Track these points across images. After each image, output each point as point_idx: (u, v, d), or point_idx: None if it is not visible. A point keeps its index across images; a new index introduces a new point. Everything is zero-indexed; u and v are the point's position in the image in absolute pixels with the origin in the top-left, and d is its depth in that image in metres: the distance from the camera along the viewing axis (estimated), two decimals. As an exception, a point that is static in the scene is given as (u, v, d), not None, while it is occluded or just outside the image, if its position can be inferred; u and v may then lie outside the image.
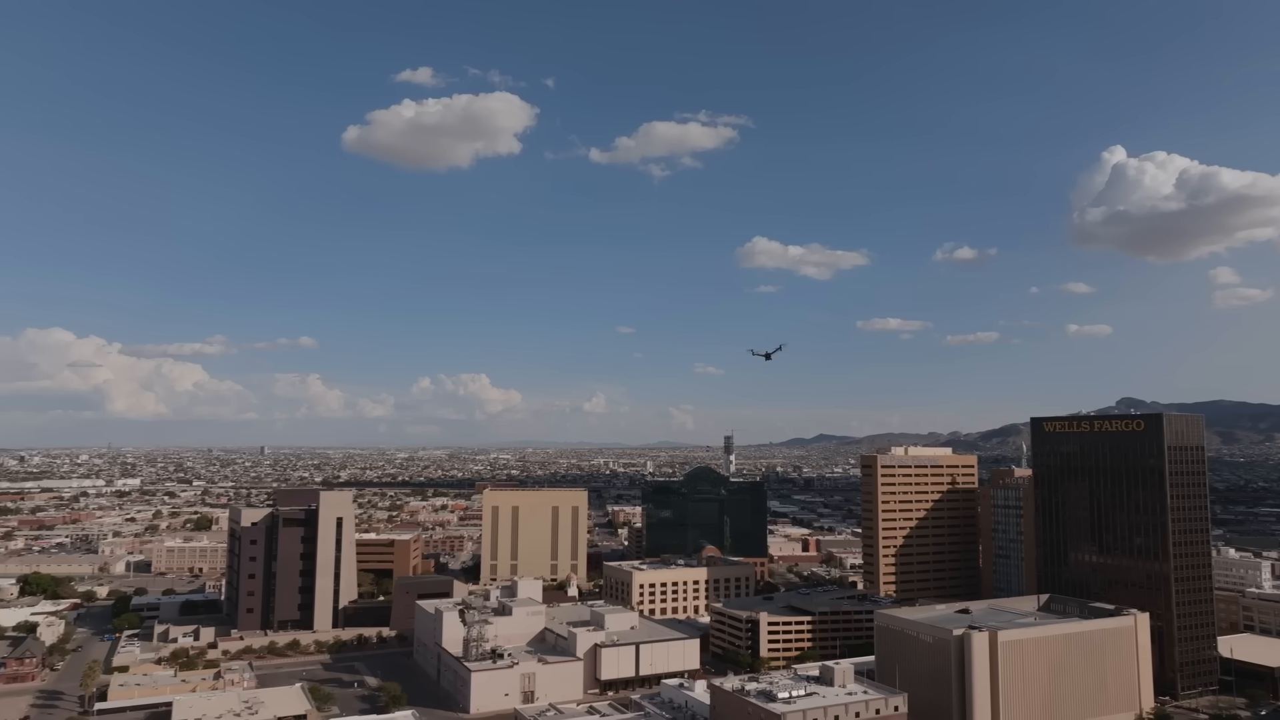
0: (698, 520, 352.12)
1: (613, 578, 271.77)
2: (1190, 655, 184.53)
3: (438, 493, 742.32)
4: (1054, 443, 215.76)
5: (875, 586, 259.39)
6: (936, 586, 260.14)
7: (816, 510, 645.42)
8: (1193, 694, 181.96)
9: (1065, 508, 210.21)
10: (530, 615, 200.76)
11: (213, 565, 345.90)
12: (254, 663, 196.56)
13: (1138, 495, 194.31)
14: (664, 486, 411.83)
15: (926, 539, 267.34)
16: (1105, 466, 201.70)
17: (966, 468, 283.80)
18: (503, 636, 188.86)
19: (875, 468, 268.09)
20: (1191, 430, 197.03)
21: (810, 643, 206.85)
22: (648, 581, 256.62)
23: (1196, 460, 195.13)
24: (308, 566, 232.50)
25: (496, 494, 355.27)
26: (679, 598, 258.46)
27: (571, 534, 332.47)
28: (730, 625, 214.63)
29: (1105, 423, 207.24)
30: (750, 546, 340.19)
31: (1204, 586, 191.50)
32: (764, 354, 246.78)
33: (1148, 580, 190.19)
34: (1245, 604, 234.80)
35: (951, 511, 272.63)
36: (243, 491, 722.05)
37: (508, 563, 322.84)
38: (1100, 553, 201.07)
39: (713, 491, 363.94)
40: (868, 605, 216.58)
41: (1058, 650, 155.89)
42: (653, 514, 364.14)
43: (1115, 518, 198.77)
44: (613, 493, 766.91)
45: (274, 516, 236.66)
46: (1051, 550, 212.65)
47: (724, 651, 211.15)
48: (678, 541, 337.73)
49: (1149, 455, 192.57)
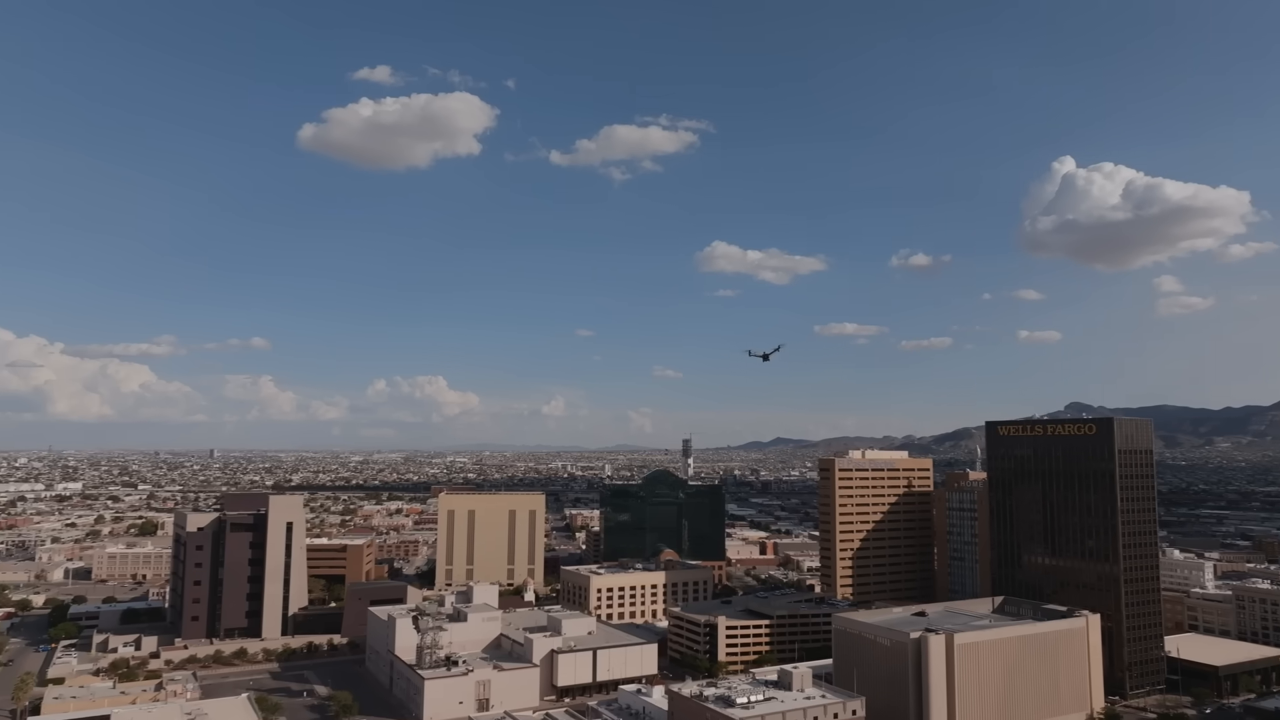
0: (656, 524, 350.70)
1: (570, 582, 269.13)
2: (1139, 655, 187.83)
3: (392, 496, 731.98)
4: (1008, 446, 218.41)
5: (832, 589, 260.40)
6: (892, 589, 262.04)
7: (774, 513, 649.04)
8: (1141, 693, 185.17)
9: (1019, 510, 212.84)
10: (486, 621, 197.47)
11: (157, 572, 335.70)
12: (198, 673, 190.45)
13: (1089, 498, 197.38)
14: (622, 490, 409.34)
15: (883, 541, 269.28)
16: (1058, 470, 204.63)
17: (922, 471, 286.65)
18: (457, 643, 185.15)
19: (833, 471, 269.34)
20: (1141, 434, 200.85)
21: (768, 646, 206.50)
22: (605, 586, 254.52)
23: (1145, 464, 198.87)
24: (256, 573, 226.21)
25: (452, 497, 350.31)
26: (637, 602, 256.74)
27: (529, 538, 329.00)
28: (688, 629, 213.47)
29: (1058, 426, 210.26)
30: (708, 550, 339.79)
31: (1152, 588, 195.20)
32: (762, 355, 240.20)
33: (1098, 582, 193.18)
34: (1190, 604, 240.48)
35: (907, 514, 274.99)
36: (190, 495, 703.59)
37: (463, 567, 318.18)
38: (1052, 555, 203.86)
39: (671, 495, 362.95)
40: (825, 608, 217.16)
41: (1012, 652, 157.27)
42: (611, 518, 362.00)
43: (1067, 520, 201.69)
44: (571, 496, 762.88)
45: (221, 521, 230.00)
46: (1005, 552, 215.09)
47: (682, 656, 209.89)
48: (636, 545, 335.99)
49: (1100, 459, 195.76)
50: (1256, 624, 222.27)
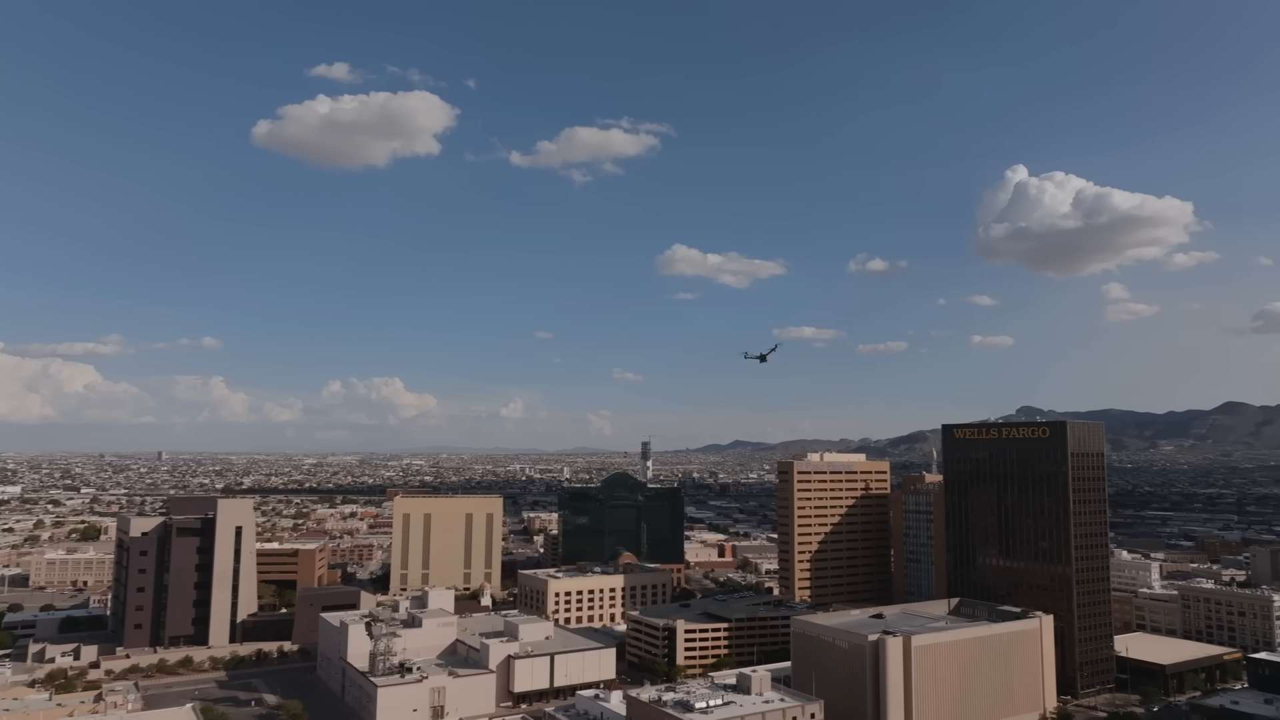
0: (615, 527, 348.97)
1: (527, 586, 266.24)
2: (1090, 655, 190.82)
3: (347, 500, 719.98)
4: (964, 449, 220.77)
5: (790, 591, 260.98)
6: (850, 591, 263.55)
7: (732, 516, 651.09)
8: (1091, 692, 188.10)
9: (974, 512, 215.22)
10: (441, 627, 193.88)
11: (99, 578, 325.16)
12: (141, 683, 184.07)
13: (1042, 500, 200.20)
14: (581, 493, 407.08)
15: (841, 544, 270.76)
16: (1012, 472, 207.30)
17: (879, 473, 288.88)
18: (412, 649, 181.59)
19: (792, 474, 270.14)
20: (1092, 437, 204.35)
21: (727, 649, 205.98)
22: (563, 590, 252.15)
23: (1097, 466, 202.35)
24: (203, 578, 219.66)
25: (408, 501, 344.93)
26: (595, 606, 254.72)
27: (486, 542, 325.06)
28: (647, 633, 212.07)
29: (1012, 430, 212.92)
30: (667, 553, 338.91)
31: (1103, 588, 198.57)
32: (758, 356, 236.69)
33: (1051, 583, 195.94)
34: (1138, 604, 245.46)
35: (865, 517, 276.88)
36: (136, 499, 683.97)
37: (419, 572, 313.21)
38: (1006, 556, 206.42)
39: (630, 498, 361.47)
40: (783, 611, 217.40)
41: (968, 653, 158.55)
42: (569, 521, 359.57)
43: (1021, 522, 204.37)
44: (529, 499, 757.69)
45: (167, 526, 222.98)
46: (960, 554, 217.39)
47: (640, 660, 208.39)
48: (594, 548, 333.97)
49: (1053, 461, 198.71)
50: (1201, 623, 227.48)
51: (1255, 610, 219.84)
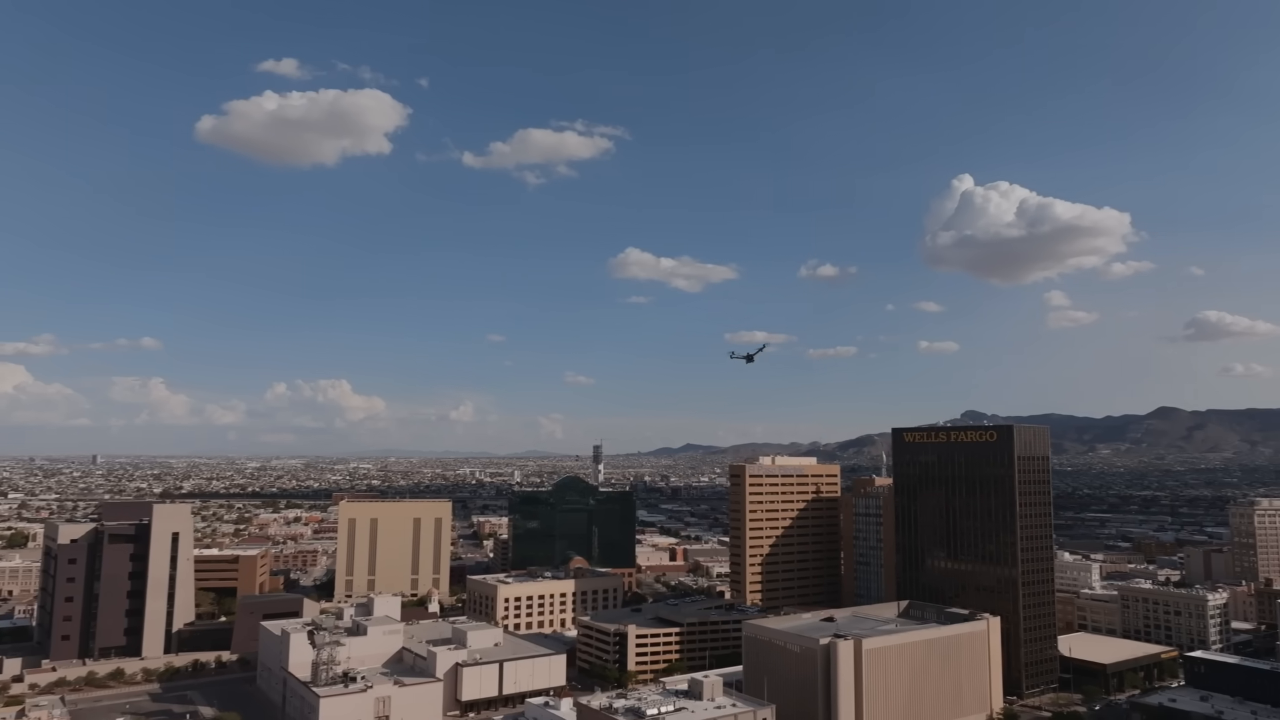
0: (566, 531, 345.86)
1: (476, 592, 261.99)
2: (1034, 655, 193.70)
3: (291, 504, 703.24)
4: (913, 453, 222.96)
5: (742, 595, 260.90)
6: (800, 594, 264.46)
7: (684, 519, 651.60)
8: (1035, 692, 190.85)
9: (923, 515, 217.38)
10: (387, 634, 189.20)
11: (25, 588, 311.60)
12: (68, 696, 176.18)
13: (989, 503, 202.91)
14: (532, 496, 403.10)
15: (792, 547, 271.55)
16: (960, 475, 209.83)
17: (830, 477, 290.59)
18: (356, 658, 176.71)
19: (744, 477, 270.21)
20: (1038, 441, 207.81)
21: (678, 654, 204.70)
22: (513, 595, 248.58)
23: (1042, 470, 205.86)
24: (137, 587, 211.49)
25: (354, 505, 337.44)
26: (546, 611, 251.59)
27: (434, 547, 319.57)
28: (598, 639, 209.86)
29: (960, 433, 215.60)
30: (618, 557, 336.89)
31: (1047, 589, 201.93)
32: (745, 356, 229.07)
33: (997, 584, 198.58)
34: (1080, 604, 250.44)
35: (816, 520, 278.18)
36: (68, 505, 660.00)
37: (365, 578, 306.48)
38: (955, 558, 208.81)
39: (581, 501, 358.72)
40: (735, 615, 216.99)
41: (917, 656, 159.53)
42: (520, 525, 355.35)
43: (969, 524, 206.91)
44: (479, 503, 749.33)
45: (98, 532, 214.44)
46: (910, 556, 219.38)
47: (591, 666, 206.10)
48: (545, 553, 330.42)
49: (1000, 465, 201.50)
50: (1140, 622, 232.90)
51: (1190, 610, 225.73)
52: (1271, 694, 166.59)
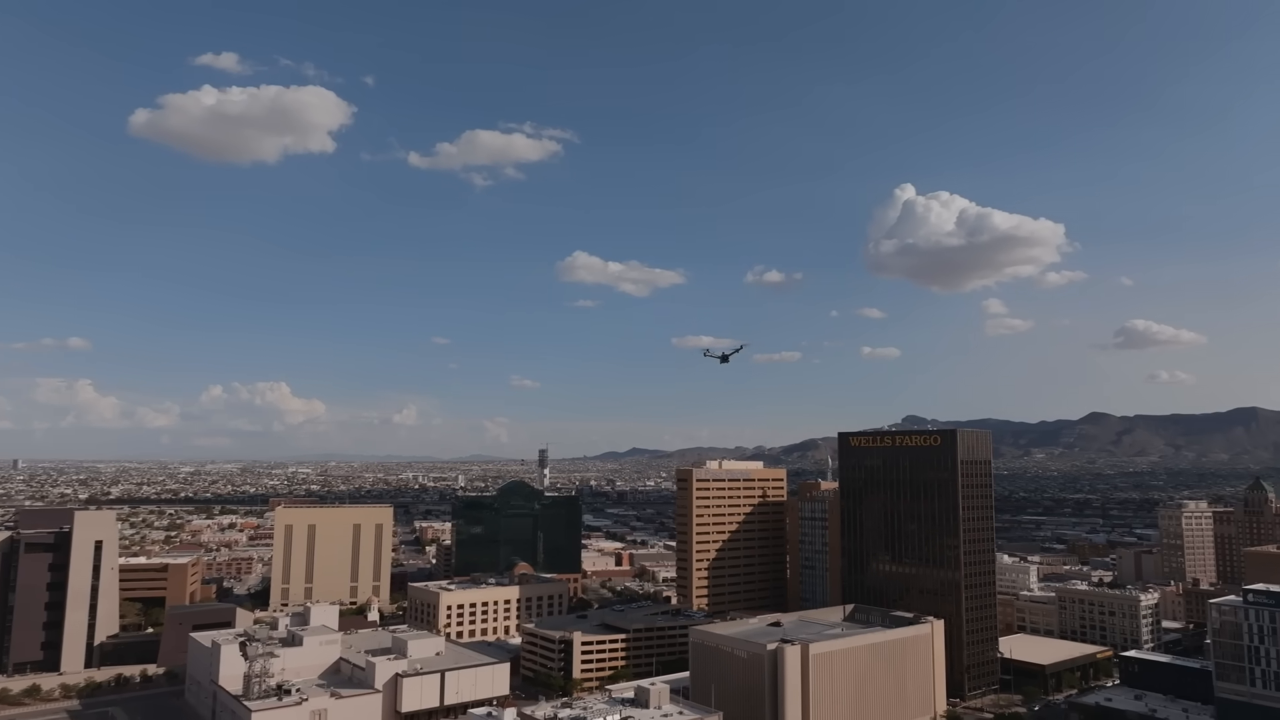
0: (510, 536, 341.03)
1: (418, 599, 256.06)
2: (976, 657, 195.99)
3: (226, 510, 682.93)
4: (859, 456, 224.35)
5: (689, 600, 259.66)
6: (746, 598, 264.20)
7: (630, 524, 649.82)
8: (977, 694, 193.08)
9: (868, 519, 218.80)
10: (324, 645, 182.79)
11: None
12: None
13: (933, 506, 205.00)
14: (476, 501, 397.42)
15: (738, 551, 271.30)
16: (904, 479, 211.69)
17: (776, 481, 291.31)
18: (291, 670, 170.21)
19: (691, 482, 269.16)
20: (980, 445, 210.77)
21: (624, 661, 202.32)
22: (456, 603, 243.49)
23: (984, 473, 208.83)
24: (56, 598, 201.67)
25: (291, 511, 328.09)
26: (489, 619, 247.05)
27: (374, 553, 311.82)
28: (543, 646, 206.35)
29: (905, 437, 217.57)
30: (564, 562, 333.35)
31: (989, 592, 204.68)
32: (720, 355, 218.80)
33: (940, 587, 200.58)
34: (1019, 606, 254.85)
35: (762, 524, 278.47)
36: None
37: (302, 586, 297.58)
38: (899, 561, 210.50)
39: (526, 506, 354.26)
40: (682, 620, 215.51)
41: (863, 660, 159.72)
42: (463, 530, 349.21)
43: (913, 528, 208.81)
44: (421, 508, 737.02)
45: (14, 541, 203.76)
46: (855, 560, 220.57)
47: (536, 674, 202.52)
48: (489, 559, 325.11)
49: (944, 468, 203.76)
50: (1076, 623, 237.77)
51: (1124, 610, 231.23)
52: (1201, 692, 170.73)
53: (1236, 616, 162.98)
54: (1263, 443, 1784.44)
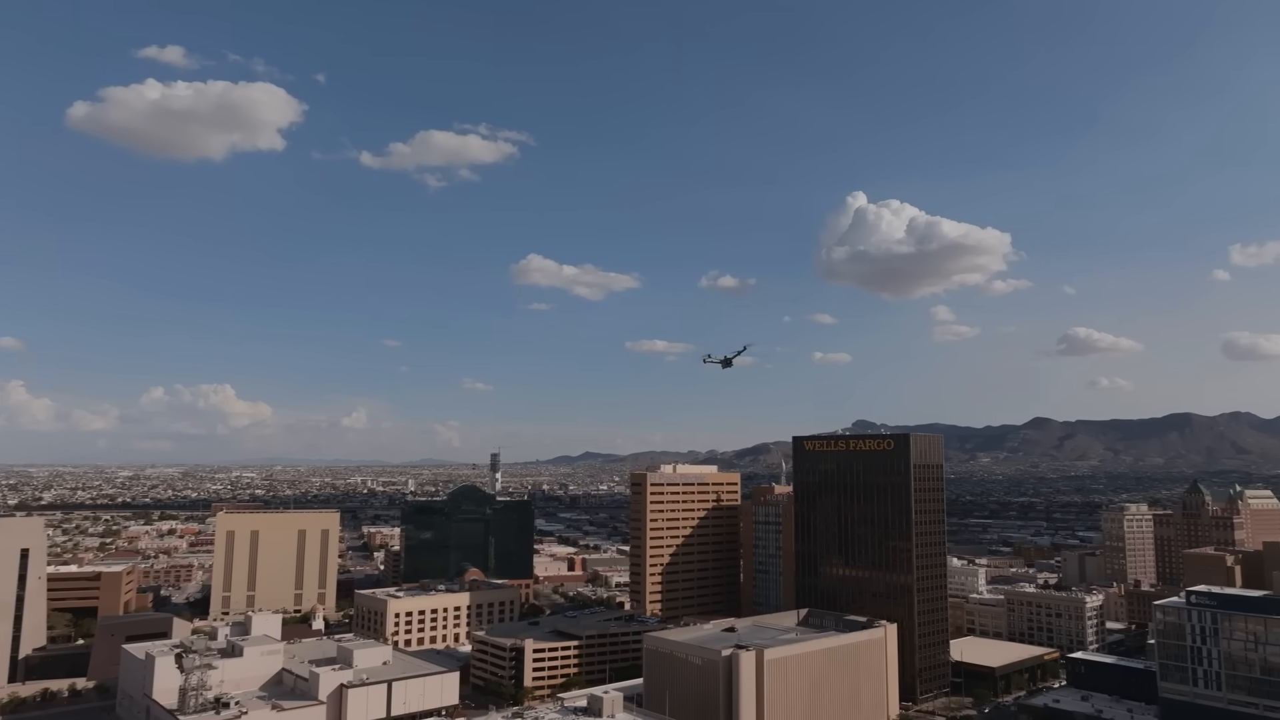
0: (461, 541, 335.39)
1: (365, 607, 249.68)
2: (928, 660, 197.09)
3: (166, 516, 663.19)
4: (813, 461, 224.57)
5: (642, 605, 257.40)
6: (700, 603, 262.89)
7: (582, 528, 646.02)
8: (929, 697, 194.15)
9: (822, 523, 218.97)
10: (266, 655, 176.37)
11: None
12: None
13: (886, 510, 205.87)
14: (426, 506, 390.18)
15: (692, 556, 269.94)
16: (858, 483, 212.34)
17: (730, 485, 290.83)
18: (231, 682, 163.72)
19: (645, 485, 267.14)
20: (932, 449, 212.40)
21: (577, 668, 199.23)
22: (404, 610, 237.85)
23: (936, 477, 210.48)
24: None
25: (233, 516, 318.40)
26: (439, 626, 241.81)
27: (320, 560, 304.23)
28: (493, 654, 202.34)
29: (859, 442, 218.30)
30: (516, 568, 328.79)
31: (940, 595, 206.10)
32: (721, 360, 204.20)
33: (893, 591, 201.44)
34: (969, 609, 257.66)
35: (716, 528, 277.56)
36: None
37: (244, 594, 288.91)
38: (852, 565, 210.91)
39: (478, 511, 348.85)
40: (635, 626, 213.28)
41: (818, 665, 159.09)
42: (413, 535, 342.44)
43: (866, 531, 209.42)
44: (370, 513, 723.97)
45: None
46: (808, 564, 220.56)
47: (486, 683, 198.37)
48: (439, 564, 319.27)
49: (897, 472, 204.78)
50: (1024, 625, 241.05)
51: (1070, 611, 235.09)
52: (1145, 692, 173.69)
53: (1179, 618, 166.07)
54: (1195, 447, 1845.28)
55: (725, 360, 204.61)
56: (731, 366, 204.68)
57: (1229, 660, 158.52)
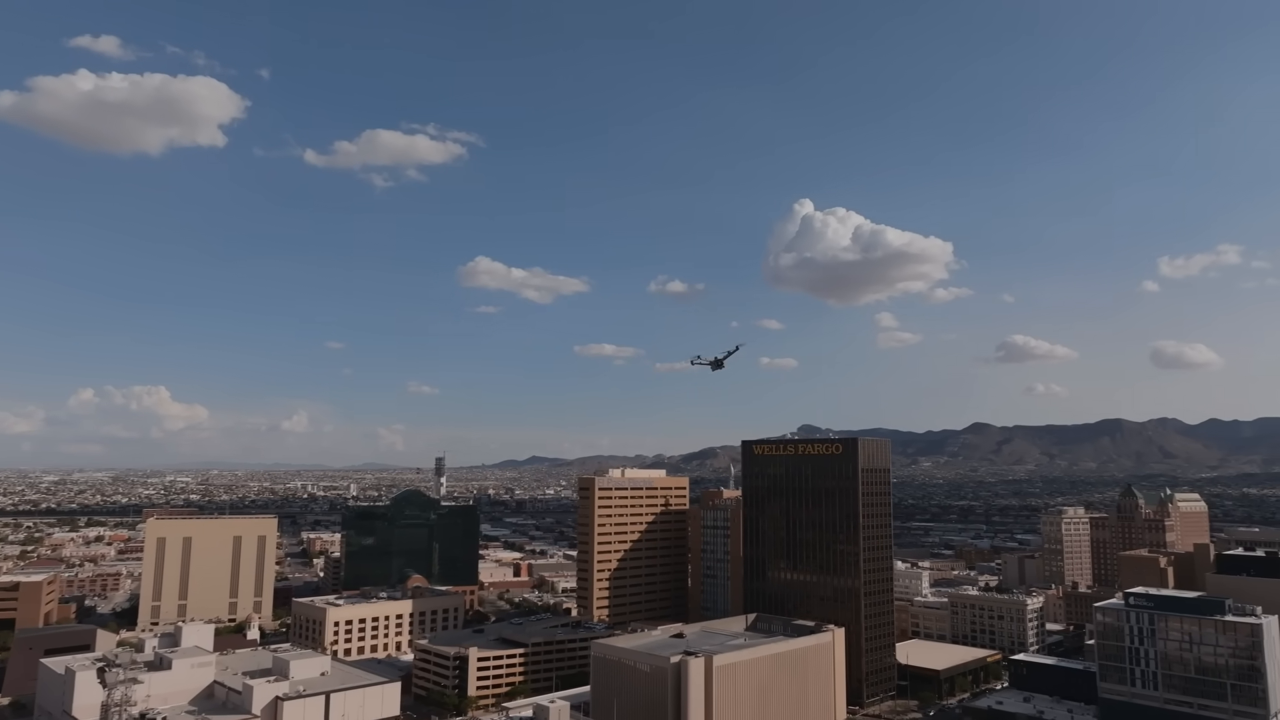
0: (404, 547, 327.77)
1: (303, 615, 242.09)
2: (875, 664, 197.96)
3: (93, 522, 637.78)
4: (762, 465, 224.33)
5: (589, 611, 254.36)
6: (648, 609, 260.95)
7: (529, 533, 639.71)
8: (875, 701, 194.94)
9: (771, 527, 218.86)
10: (196, 668, 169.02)
11: None
12: None
13: (834, 514, 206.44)
14: (368, 511, 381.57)
15: (640, 561, 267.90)
16: (806, 487, 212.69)
17: (679, 489, 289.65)
18: (158, 696, 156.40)
19: (593, 490, 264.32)
20: (880, 453, 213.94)
21: (523, 677, 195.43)
22: (344, 618, 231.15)
23: (883, 481, 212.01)
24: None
25: (164, 522, 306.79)
26: (380, 635, 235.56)
27: (256, 567, 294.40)
28: (436, 663, 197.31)
29: (808, 446, 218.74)
30: (461, 574, 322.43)
31: (887, 599, 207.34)
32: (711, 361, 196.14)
33: (840, 594, 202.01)
34: (914, 612, 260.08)
35: (664, 533, 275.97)
36: None
37: (175, 603, 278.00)
38: (800, 569, 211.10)
39: (421, 516, 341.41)
40: (582, 633, 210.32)
41: (766, 671, 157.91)
42: (354, 541, 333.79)
43: (814, 535, 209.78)
44: (310, 519, 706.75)
45: None
46: (756, 568, 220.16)
47: (429, 693, 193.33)
48: (381, 571, 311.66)
49: (845, 477, 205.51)
50: (967, 628, 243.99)
51: (1012, 614, 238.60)
52: (1085, 692, 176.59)
53: (1118, 619, 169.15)
54: (1126, 452, 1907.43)
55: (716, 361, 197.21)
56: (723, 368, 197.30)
57: (1165, 660, 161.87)
